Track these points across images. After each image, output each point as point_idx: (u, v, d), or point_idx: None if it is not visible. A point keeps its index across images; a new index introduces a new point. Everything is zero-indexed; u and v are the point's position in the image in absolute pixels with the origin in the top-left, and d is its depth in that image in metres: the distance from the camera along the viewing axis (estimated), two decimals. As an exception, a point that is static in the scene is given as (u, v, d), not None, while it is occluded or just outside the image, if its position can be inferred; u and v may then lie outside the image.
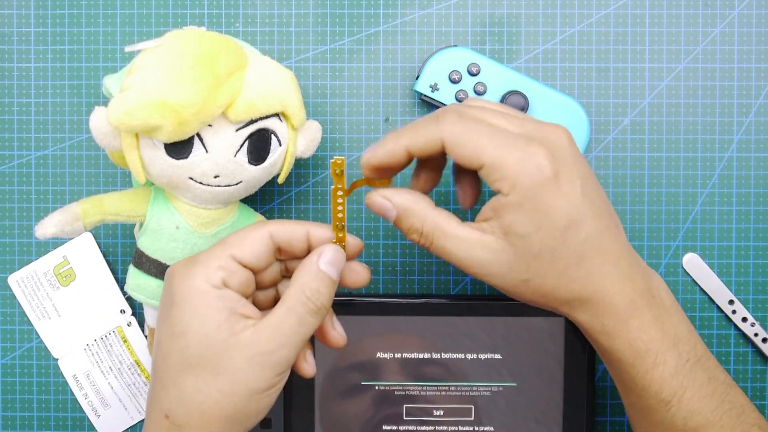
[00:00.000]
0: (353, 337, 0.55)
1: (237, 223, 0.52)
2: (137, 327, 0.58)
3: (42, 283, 0.58)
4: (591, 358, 0.55)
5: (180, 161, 0.48)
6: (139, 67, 0.47)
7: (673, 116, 0.58)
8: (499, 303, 0.55)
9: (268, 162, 0.50)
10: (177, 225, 0.51)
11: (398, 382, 0.55)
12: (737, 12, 0.57)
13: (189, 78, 0.46)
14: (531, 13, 0.58)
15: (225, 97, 0.47)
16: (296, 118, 0.50)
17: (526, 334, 0.55)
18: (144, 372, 0.58)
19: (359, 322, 0.55)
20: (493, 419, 0.55)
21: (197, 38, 0.47)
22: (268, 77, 0.48)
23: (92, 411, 0.58)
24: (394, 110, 0.58)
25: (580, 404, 0.55)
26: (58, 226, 0.49)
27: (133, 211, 0.51)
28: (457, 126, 0.43)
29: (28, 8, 0.58)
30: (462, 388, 0.55)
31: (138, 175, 0.49)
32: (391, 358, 0.55)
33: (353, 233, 0.58)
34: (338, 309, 0.55)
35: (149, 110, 0.45)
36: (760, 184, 0.58)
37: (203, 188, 0.49)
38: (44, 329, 0.58)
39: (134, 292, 0.52)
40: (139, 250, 0.52)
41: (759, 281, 0.58)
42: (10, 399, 0.58)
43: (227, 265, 0.43)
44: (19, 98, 0.58)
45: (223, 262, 0.43)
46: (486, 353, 0.55)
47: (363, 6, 0.58)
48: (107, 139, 0.47)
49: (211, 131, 0.48)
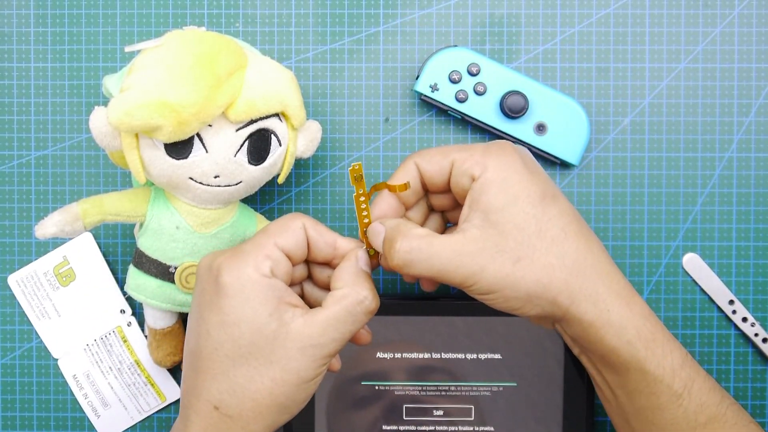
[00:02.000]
0: None
1: (237, 223, 0.52)
2: (137, 327, 0.58)
3: (42, 283, 0.58)
4: None
5: (180, 161, 0.48)
6: (139, 67, 0.47)
7: (673, 116, 0.58)
8: None
9: (268, 162, 0.50)
10: (177, 225, 0.51)
11: (398, 382, 0.55)
12: (737, 12, 0.57)
13: (189, 78, 0.45)
14: (531, 13, 0.58)
15: (225, 97, 0.47)
16: (296, 118, 0.50)
17: (526, 334, 0.55)
18: (144, 372, 0.58)
19: None
20: (493, 419, 0.55)
21: (197, 38, 0.47)
22: (269, 77, 0.48)
23: (92, 411, 0.58)
24: (394, 110, 0.58)
25: (580, 404, 0.55)
26: (58, 226, 0.49)
27: (133, 211, 0.51)
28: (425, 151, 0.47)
29: (28, 8, 0.58)
30: (462, 388, 0.55)
31: (138, 175, 0.49)
32: (391, 358, 0.55)
33: (353, 234, 0.58)
34: None
35: (149, 110, 0.45)
36: (760, 184, 0.58)
37: (203, 188, 0.49)
38: (44, 329, 0.58)
39: (134, 292, 0.52)
40: (139, 250, 0.52)
41: (759, 281, 0.58)
42: (10, 399, 0.58)
43: (273, 254, 0.44)
44: (19, 98, 0.58)
45: (269, 251, 0.44)
46: (486, 353, 0.55)
47: (363, 6, 0.58)
48: (107, 139, 0.47)
49: (211, 131, 0.48)
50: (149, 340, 0.55)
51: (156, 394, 0.58)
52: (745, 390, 0.58)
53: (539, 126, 0.56)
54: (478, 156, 0.44)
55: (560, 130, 0.56)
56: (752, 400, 0.58)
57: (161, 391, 0.58)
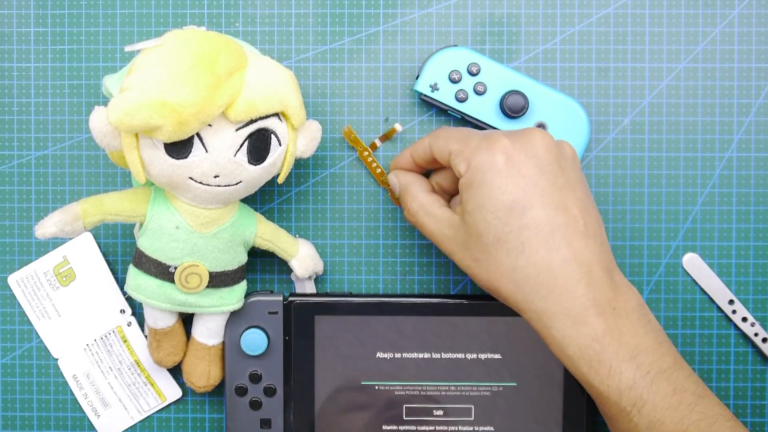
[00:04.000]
0: (353, 338, 0.55)
1: (237, 222, 0.52)
2: (137, 327, 0.58)
3: (42, 283, 0.58)
4: None
5: (180, 161, 0.48)
6: (139, 67, 0.47)
7: (673, 116, 0.58)
8: (499, 303, 0.55)
9: (267, 162, 0.50)
10: (177, 225, 0.51)
11: (398, 382, 0.55)
12: (737, 12, 0.57)
13: (189, 78, 0.45)
14: (531, 13, 0.58)
15: (225, 97, 0.47)
16: (296, 118, 0.50)
17: (525, 333, 0.55)
18: (144, 372, 0.58)
19: (359, 322, 0.55)
20: (493, 419, 0.55)
21: (197, 38, 0.47)
22: (269, 77, 0.48)
23: (92, 411, 0.58)
24: (394, 110, 0.58)
25: (580, 404, 0.55)
26: (57, 225, 0.49)
27: (133, 211, 0.51)
28: (438, 132, 0.51)
29: (28, 8, 0.58)
30: (462, 388, 0.56)
31: (138, 175, 0.49)
32: (391, 358, 0.55)
33: (353, 233, 0.58)
34: (339, 308, 0.55)
35: (149, 110, 0.45)
36: (760, 184, 0.58)
37: (203, 188, 0.49)
38: (44, 329, 0.58)
39: (134, 292, 0.52)
40: (139, 250, 0.52)
41: (759, 281, 0.58)
42: (10, 399, 0.58)
43: None
44: (19, 98, 0.58)
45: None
46: (486, 353, 0.55)
47: (363, 6, 0.58)
48: (107, 139, 0.47)
49: (211, 131, 0.48)
50: (149, 340, 0.55)
51: (156, 394, 0.58)
52: (745, 390, 0.58)
53: (539, 126, 0.55)
54: (469, 152, 0.47)
55: (560, 130, 0.55)
56: (752, 400, 0.58)
57: (161, 391, 0.58)
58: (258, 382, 0.56)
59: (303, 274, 0.56)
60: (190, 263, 0.51)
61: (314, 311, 0.55)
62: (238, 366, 0.55)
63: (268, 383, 0.56)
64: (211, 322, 0.54)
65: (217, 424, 0.59)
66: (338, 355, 0.55)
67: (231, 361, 0.55)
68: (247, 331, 0.55)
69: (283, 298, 0.55)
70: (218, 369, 0.55)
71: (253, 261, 0.57)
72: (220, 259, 0.52)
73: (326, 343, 0.55)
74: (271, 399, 0.56)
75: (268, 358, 0.55)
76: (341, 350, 0.55)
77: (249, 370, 0.55)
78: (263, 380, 0.56)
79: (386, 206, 0.58)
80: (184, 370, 0.55)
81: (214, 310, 0.53)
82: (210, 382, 0.55)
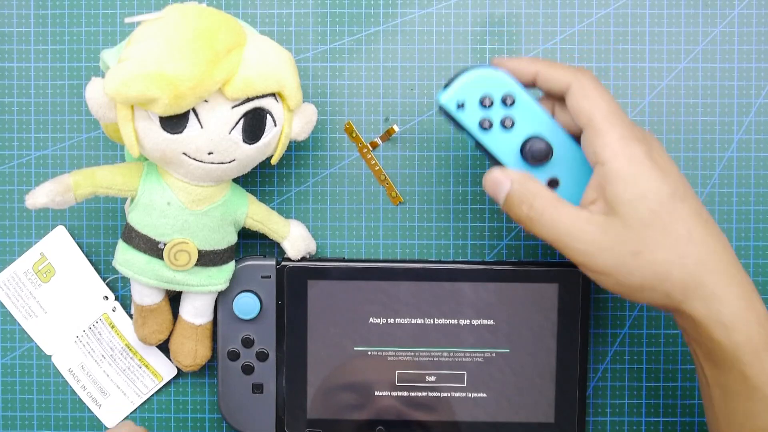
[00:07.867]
0: (346, 303, 0.55)
1: (228, 201, 0.52)
2: (122, 311, 0.57)
3: (24, 283, 0.57)
4: (584, 325, 0.55)
5: (174, 135, 0.48)
6: (138, 39, 0.47)
7: (673, 116, 0.58)
8: (493, 269, 0.55)
9: (262, 142, 0.50)
10: (168, 201, 0.51)
11: (391, 348, 0.55)
12: (737, 12, 0.57)
13: (187, 51, 0.45)
14: (531, 13, 0.58)
15: (223, 72, 0.47)
16: (292, 99, 0.50)
17: (519, 300, 0.55)
18: (136, 354, 0.57)
19: (352, 287, 0.55)
20: (486, 385, 0.55)
21: (198, 13, 0.47)
22: (267, 56, 0.48)
23: (93, 402, 0.58)
24: (394, 110, 0.58)
25: (573, 370, 0.55)
26: (48, 195, 0.49)
27: (124, 185, 0.51)
28: (589, 83, 0.46)
29: (28, 8, 0.58)
30: (455, 354, 0.55)
31: (131, 148, 0.49)
32: (384, 324, 0.55)
33: (353, 233, 0.58)
34: (332, 273, 0.55)
35: (146, 81, 0.45)
36: (760, 184, 0.58)
37: (196, 164, 0.49)
38: (33, 328, 0.58)
39: (122, 267, 0.52)
40: (129, 225, 0.52)
41: (759, 281, 0.58)
42: (10, 399, 0.58)
43: None
44: (19, 98, 0.58)
45: None
46: (479, 319, 0.55)
47: (363, 6, 0.58)
48: (102, 110, 0.47)
49: (207, 107, 0.48)
50: (135, 317, 0.55)
51: (152, 374, 0.58)
52: (745, 390, 0.58)
53: (551, 181, 0.49)
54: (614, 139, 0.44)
55: (571, 190, 0.49)
56: (752, 400, 0.58)
57: (156, 371, 0.58)
58: (250, 346, 0.55)
59: (295, 255, 0.55)
60: (179, 240, 0.51)
61: (307, 276, 0.55)
62: (230, 330, 0.55)
63: (261, 348, 0.55)
64: (198, 301, 0.54)
65: (216, 407, 0.59)
66: (331, 320, 0.55)
67: (223, 325, 0.55)
68: (240, 295, 0.55)
69: (276, 263, 0.55)
70: (205, 348, 0.55)
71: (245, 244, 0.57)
72: (210, 238, 0.52)
73: (319, 307, 0.55)
74: (263, 363, 0.56)
75: (260, 322, 0.55)
76: (334, 315, 0.55)
77: (241, 334, 0.55)
78: (256, 345, 0.55)
79: (386, 206, 0.58)
80: (171, 349, 0.55)
81: (202, 289, 0.53)
82: (197, 361, 0.55)
